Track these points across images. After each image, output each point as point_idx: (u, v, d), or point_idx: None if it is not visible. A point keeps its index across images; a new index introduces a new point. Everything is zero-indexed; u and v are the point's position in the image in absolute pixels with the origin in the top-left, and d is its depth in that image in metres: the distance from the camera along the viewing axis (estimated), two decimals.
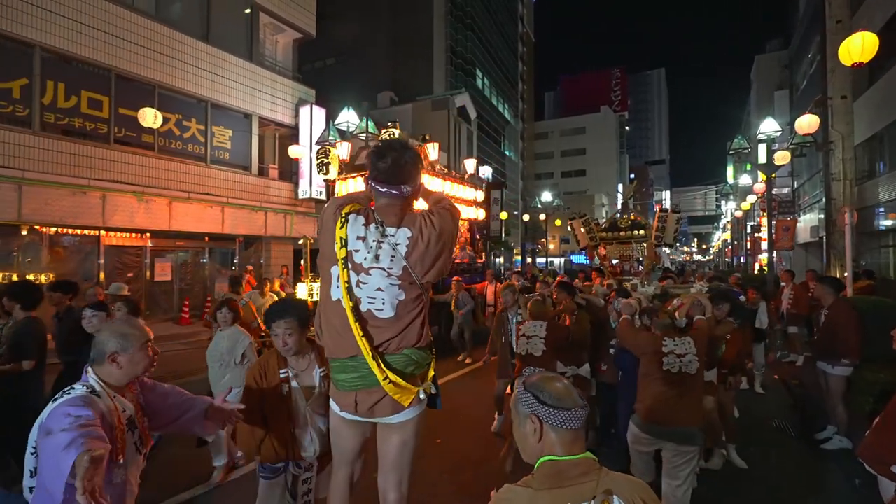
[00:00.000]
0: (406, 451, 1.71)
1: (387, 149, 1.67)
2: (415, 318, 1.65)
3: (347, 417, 1.72)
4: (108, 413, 1.41)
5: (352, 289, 1.60)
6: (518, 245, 38.61)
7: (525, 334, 3.44)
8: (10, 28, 7.69)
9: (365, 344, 1.56)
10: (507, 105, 45.31)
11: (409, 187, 1.68)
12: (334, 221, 1.64)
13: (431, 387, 1.72)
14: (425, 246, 1.61)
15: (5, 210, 7.54)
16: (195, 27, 10.79)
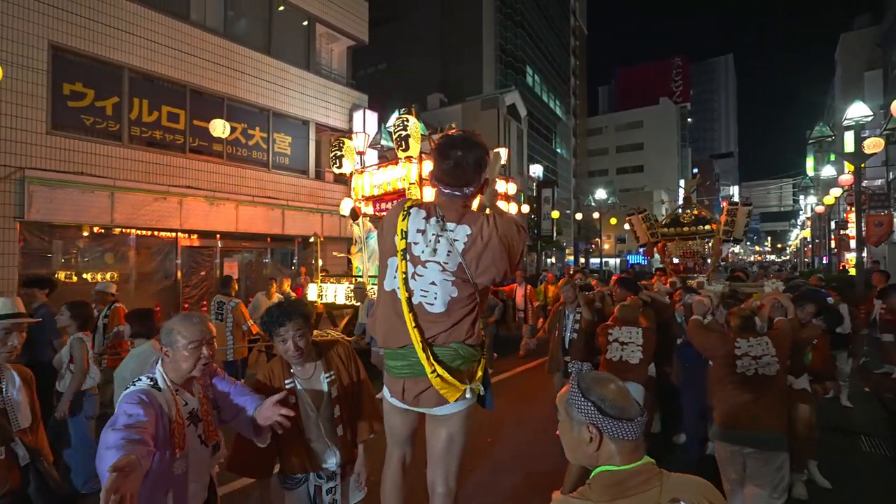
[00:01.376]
0: (453, 446, 1.71)
1: (450, 147, 1.65)
2: (465, 316, 1.64)
3: (396, 404, 1.75)
4: (168, 407, 1.47)
5: (408, 280, 1.62)
6: (570, 244, 37.52)
7: (619, 340, 3.33)
8: (104, 53, 8.63)
9: (416, 335, 1.58)
10: (558, 101, 44.20)
11: (472, 188, 1.67)
12: (397, 214, 1.69)
13: (480, 387, 1.70)
14: (483, 245, 1.59)
15: (100, 215, 8.46)
16: (259, 41, 11.51)
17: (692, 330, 2.73)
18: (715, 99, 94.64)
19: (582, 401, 0.97)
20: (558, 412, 1.04)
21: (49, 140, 7.98)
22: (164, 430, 1.44)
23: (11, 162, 7.53)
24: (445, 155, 1.65)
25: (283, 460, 1.87)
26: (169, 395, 1.50)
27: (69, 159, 8.18)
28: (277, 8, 11.90)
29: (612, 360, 3.32)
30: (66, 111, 8.28)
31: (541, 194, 23.51)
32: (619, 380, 1.02)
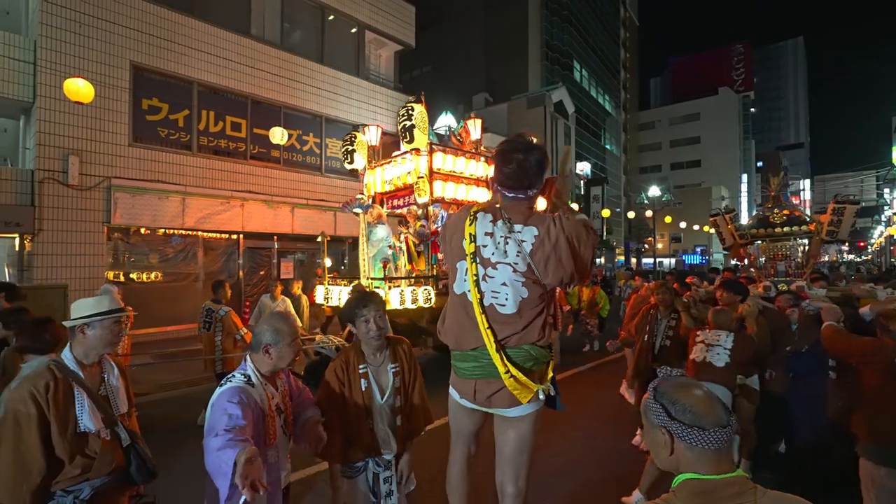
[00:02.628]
0: (523, 447, 1.72)
1: (512, 151, 1.68)
2: (536, 317, 1.65)
3: (465, 405, 1.78)
4: (261, 400, 1.62)
5: (479, 282, 1.64)
6: (621, 244, 36.14)
7: (705, 342, 3.19)
8: (177, 69, 9.36)
9: (490, 336, 1.60)
10: (607, 96, 42.70)
11: (535, 189, 1.69)
12: (463, 220, 1.72)
13: (550, 388, 1.70)
14: (551, 246, 1.59)
15: (173, 219, 9.17)
16: (312, 51, 12.01)
17: (832, 337, 2.55)
18: (782, 86, 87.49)
19: (653, 403, 0.97)
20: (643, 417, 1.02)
21: (130, 151, 8.76)
22: (259, 424, 1.57)
23: (100, 172, 8.34)
24: (507, 159, 1.67)
25: (346, 447, 1.94)
26: (261, 389, 1.64)
27: (147, 168, 8.94)
28: (328, 17, 12.36)
29: (696, 360, 3.19)
30: (145, 124, 9.06)
31: (589, 192, 22.82)
32: (704, 387, 0.98)
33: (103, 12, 8.42)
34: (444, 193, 6.11)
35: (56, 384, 1.66)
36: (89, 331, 1.78)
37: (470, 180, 6.48)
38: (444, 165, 6.13)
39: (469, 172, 6.47)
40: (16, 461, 1.55)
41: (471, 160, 6.47)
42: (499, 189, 1.72)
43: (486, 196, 6.45)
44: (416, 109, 5.88)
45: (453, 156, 6.24)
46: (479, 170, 6.63)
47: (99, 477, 1.71)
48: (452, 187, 6.23)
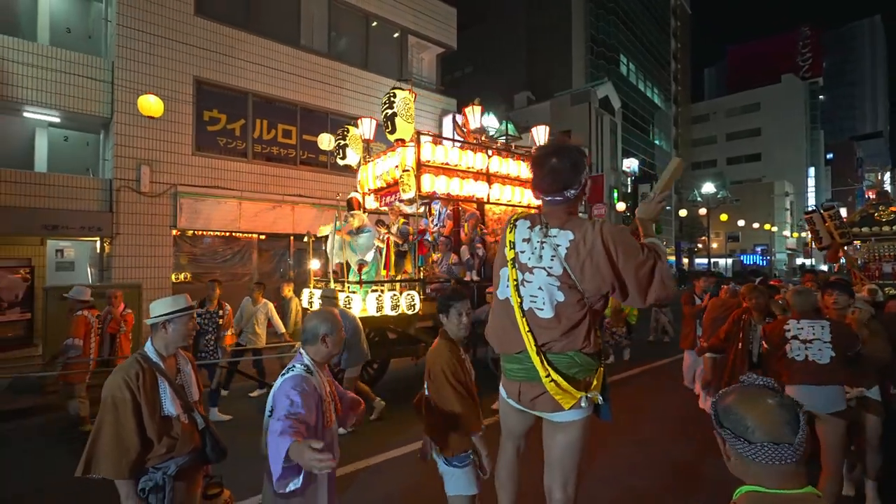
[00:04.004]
0: (570, 452, 1.71)
1: (545, 156, 1.70)
2: (578, 322, 1.63)
3: (513, 405, 1.82)
4: (319, 387, 1.78)
5: (518, 286, 1.68)
6: (671, 244, 34.48)
7: (798, 337, 2.85)
8: (235, 82, 9.97)
9: (530, 340, 1.62)
10: (656, 89, 40.87)
11: (573, 190, 1.67)
12: (506, 228, 1.77)
13: (598, 396, 1.68)
14: (586, 251, 1.58)
15: (231, 223, 9.77)
16: (356, 57, 12.38)
17: None
18: (857, 70, 79.87)
19: (712, 406, 0.96)
20: None
21: (193, 160, 9.43)
22: (319, 409, 1.73)
23: (167, 180, 9.04)
24: (541, 164, 1.70)
25: (457, 436, 1.98)
26: (318, 377, 1.81)
27: (207, 175, 9.58)
28: (372, 24, 12.69)
29: (797, 359, 2.84)
30: (206, 135, 9.72)
31: (637, 190, 21.94)
32: (782, 398, 0.91)
33: (171, 32, 9.12)
34: (434, 188, 5.49)
35: (143, 373, 1.87)
36: (169, 326, 1.98)
37: (467, 173, 5.88)
38: (435, 157, 5.58)
39: (466, 164, 5.87)
40: (116, 439, 1.77)
41: (467, 151, 5.88)
42: (538, 195, 1.75)
43: (485, 190, 6.09)
44: (398, 96, 5.36)
45: (445, 146, 5.70)
46: (479, 161, 6.02)
47: (181, 455, 1.92)
48: (445, 181, 5.59)
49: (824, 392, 2.70)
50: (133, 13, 8.74)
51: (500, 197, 6.40)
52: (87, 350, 4.61)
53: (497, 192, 6.32)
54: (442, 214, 6.80)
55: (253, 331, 5.84)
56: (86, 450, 1.78)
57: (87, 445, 1.79)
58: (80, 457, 1.78)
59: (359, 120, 6.73)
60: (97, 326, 4.76)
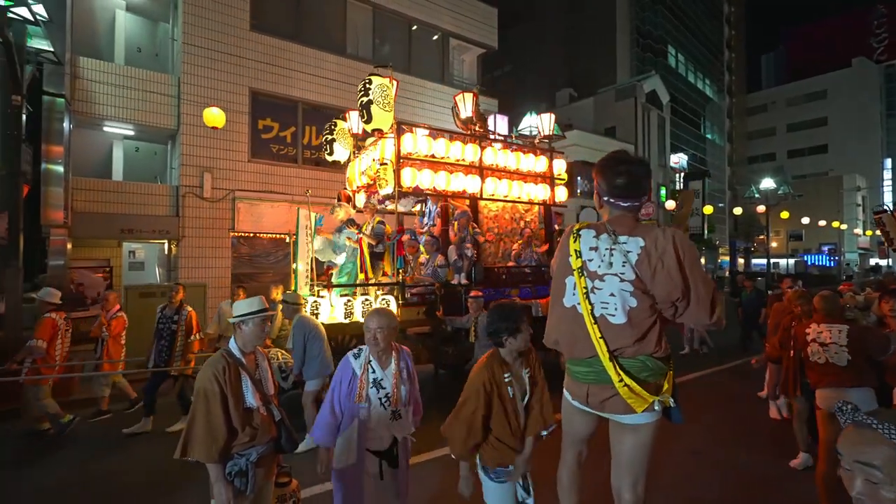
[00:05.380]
0: (641, 454, 1.74)
1: (618, 163, 1.76)
2: (650, 327, 1.66)
3: (578, 407, 1.84)
4: (357, 369, 2.24)
5: (588, 294, 1.70)
6: (725, 243, 32.64)
7: (817, 340, 2.92)
8: (286, 91, 10.49)
9: (602, 346, 1.64)
10: (707, 80, 38.80)
11: (646, 198, 1.76)
12: (567, 238, 1.80)
13: (670, 400, 1.69)
14: (658, 257, 1.62)
15: (282, 225, 10.28)
16: (399, 62, 12.63)
17: None
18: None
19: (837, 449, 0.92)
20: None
21: (249, 167, 10.00)
22: (350, 383, 2.23)
23: (226, 186, 9.65)
24: (615, 171, 1.75)
25: (498, 453, 2.05)
26: (363, 360, 2.25)
27: (262, 181, 10.13)
28: (414, 29, 12.92)
29: (818, 362, 2.91)
30: (260, 142, 10.28)
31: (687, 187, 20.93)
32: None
33: (229, 47, 9.73)
34: (416, 182, 5.12)
35: (229, 367, 2.06)
36: (244, 326, 2.16)
37: (456, 166, 5.53)
38: (418, 148, 5.20)
39: (455, 157, 5.52)
40: (207, 427, 1.97)
41: (455, 142, 5.54)
42: (610, 202, 1.77)
43: (478, 185, 5.68)
44: (374, 82, 4.87)
45: (429, 137, 5.31)
46: (470, 153, 5.65)
47: (261, 444, 2.10)
48: (430, 175, 5.24)
49: (852, 395, 2.70)
50: (196, 31, 9.40)
51: (495, 192, 5.91)
52: (52, 352, 4.46)
53: (491, 186, 5.85)
54: (432, 212, 6.39)
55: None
56: (182, 435, 1.99)
57: (183, 431, 2.00)
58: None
59: (347, 113, 6.32)
60: (65, 329, 4.60)
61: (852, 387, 2.74)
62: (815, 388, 2.93)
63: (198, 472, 3.43)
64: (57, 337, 4.49)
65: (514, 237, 6.45)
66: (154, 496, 3.42)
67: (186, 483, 3.51)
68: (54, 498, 3.44)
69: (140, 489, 3.52)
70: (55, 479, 3.69)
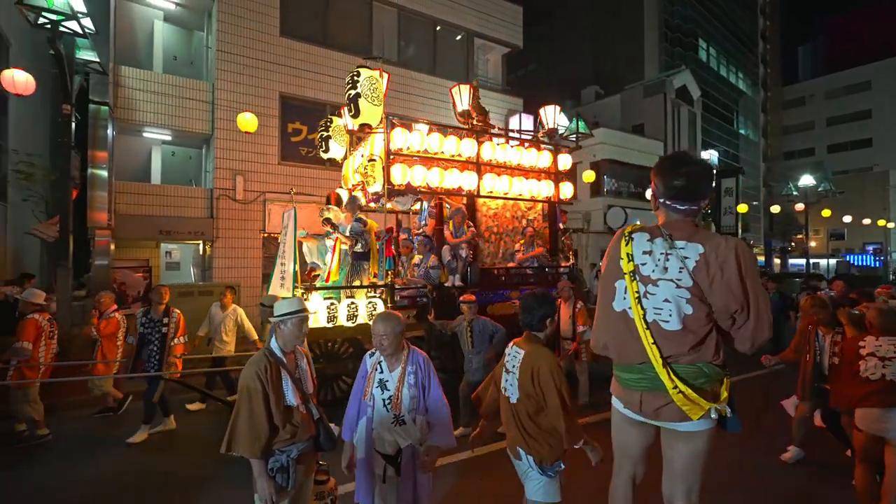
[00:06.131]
0: (696, 462, 1.68)
1: (677, 164, 1.69)
2: (707, 334, 1.60)
3: (631, 416, 1.78)
4: (368, 367, 2.35)
5: (640, 299, 1.66)
6: (760, 242, 31.41)
7: (875, 354, 2.73)
8: (314, 95, 10.70)
9: (655, 352, 1.60)
10: (740, 73, 37.40)
11: (706, 200, 1.69)
12: (619, 241, 1.76)
13: (727, 409, 1.63)
14: (718, 265, 1.56)
15: (311, 226, 10.46)
16: (424, 64, 12.71)
17: None
18: None
19: None
20: None
21: (279, 169, 10.25)
22: (360, 382, 2.34)
23: (257, 188, 9.91)
24: (674, 173, 1.68)
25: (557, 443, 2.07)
26: (375, 361, 2.33)
27: (291, 183, 10.35)
28: (438, 30, 12.95)
29: (871, 378, 2.70)
30: (289, 145, 10.52)
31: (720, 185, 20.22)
32: None
33: (260, 53, 10.00)
34: (408, 179, 4.87)
35: (270, 366, 2.12)
36: (284, 326, 2.20)
37: (451, 162, 5.29)
38: (409, 144, 4.97)
39: (449, 152, 5.28)
40: (250, 424, 2.02)
41: (450, 136, 5.29)
42: (667, 204, 1.71)
43: (474, 181, 5.41)
44: (363, 75, 4.61)
45: (421, 131, 5.05)
46: (466, 148, 5.37)
47: (301, 441, 2.14)
48: (422, 172, 4.98)
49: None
50: (229, 39, 9.71)
51: (493, 189, 5.61)
52: (37, 354, 4.39)
53: (490, 183, 5.58)
54: (426, 211, 6.17)
55: (221, 338, 5.39)
56: (227, 431, 2.05)
57: (228, 427, 2.06)
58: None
59: (342, 108, 6.07)
60: (49, 330, 4.52)
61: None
62: (855, 405, 2.74)
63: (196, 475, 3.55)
64: (41, 338, 4.41)
65: (515, 236, 6.18)
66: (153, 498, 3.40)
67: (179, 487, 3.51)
68: (53, 498, 3.40)
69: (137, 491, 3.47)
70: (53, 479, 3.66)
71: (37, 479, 3.65)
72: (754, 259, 1.63)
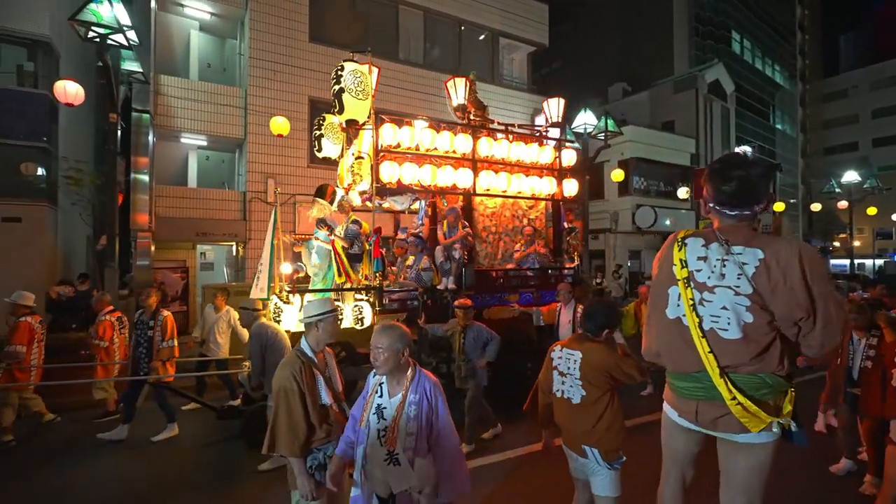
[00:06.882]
0: (757, 476, 1.61)
1: (730, 168, 1.62)
2: (769, 345, 1.53)
3: (684, 424, 1.73)
4: (369, 388, 2.01)
5: (696, 306, 1.60)
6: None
7: None
8: None
9: (712, 361, 1.55)
10: (777, 66, 35.87)
11: (762, 205, 1.60)
12: (671, 246, 1.71)
13: (791, 423, 1.55)
14: (781, 272, 1.48)
15: None
16: (449, 64, 12.74)
17: None
18: None
19: None
20: None
21: (308, 172, 10.48)
22: (361, 400, 2.01)
23: (288, 190, 10.16)
24: (726, 177, 1.61)
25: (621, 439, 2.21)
26: (376, 382, 1.97)
27: (316, 185, 10.58)
28: (464, 30, 12.95)
29: None
30: None
31: None
32: None
33: (290, 59, 10.26)
34: (398, 177, 4.68)
35: (304, 366, 2.16)
36: (320, 325, 2.24)
37: (445, 159, 5.09)
38: (400, 141, 4.80)
39: (442, 148, 5.06)
40: (289, 423, 2.07)
41: (443, 132, 5.06)
42: (717, 209, 1.65)
43: (469, 179, 5.15)
44: (346, 68, 4.46)
45: (412, 127, 4.84)
46: (461, 144, 5.15)
47: (336, 439, 2.15)
48: (413, 169, 4.79)
49: None
50: (261, 46, 9.99)
51: (490, 186, 5.36)
52: (30, 357, 4.39)
53: (487, 180, 5.33)
54: (422, 210, 5.89)
55: (215, 340, 5.38)
56: (268, 432, 2.11)
57: (268, 429, 2.11)
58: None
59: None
60: (41, 332, 4.53)
61: None
62: (891, 415, 2.68)
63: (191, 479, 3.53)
64: (34, 341, 4.42)
65: (516, 236, 5.93)
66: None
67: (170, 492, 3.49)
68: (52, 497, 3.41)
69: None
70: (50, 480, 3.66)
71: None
72: (821, 262, 1.53)
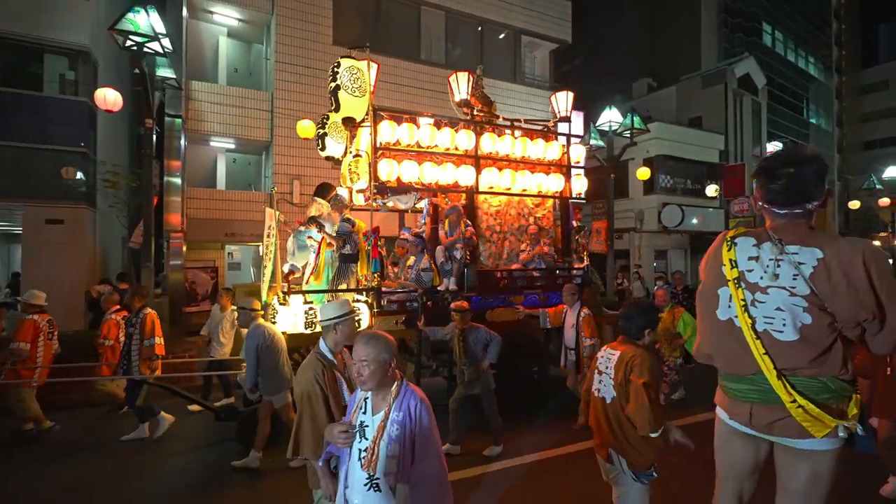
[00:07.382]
0: (820, 486, 1.53)
1: (779, 166, 1.57)
2: (829, 347, 1.47)
3: (739, 429, 1.66)
4: (355, 403, 1.77)
5: (748, 307, 1.55)
6: None
7: None
8: None
9: (768, 362, 1.49)
10: (811, 57, 34.42)
11: (816, 202, 1.53)
12: (720, 246, 1.66)
13: (857, 426, 1.48)
14: (842, 272, 1.42)
15: None
16: (472, 65, 12.68)
17: None
18: None
19: None
20: None
21: (333, 173, 10.57)
22: (347, 416, 1.76)
23: (312, 192, 10.33)
24: (774, 175, 1.56)
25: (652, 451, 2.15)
26: (361, 397, 1.74)
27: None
28: (485, 29, 12.90)
29: None
30: None
31: None
32: None
33: (314, 62, 10.42)
34: (396, 175, 4.55)
35: (325, 369, 2.16)
36: (339, 328, 2.24)
37: (446, 156, 4.95)
38: (399, 138, 4.68)
39: (443, 145, 4.93)
40: (313, 427, 2.07)
41: (444, 129, 4.94)
42: (767, 208, 1.61)
43: (473, 176, 4.97)
44: (343, 65, 4.39)
45: (412, 124, 4.74)
46: (463, 141, 5.00)
47: None
48: (413, 167, 4.66)
49: None
50: (287, 50, 10.19)
51: (494, 184, 5.19)
52: (35, 355, 4.43)
53: (491, 178, 5.17)
54: (425, 210, 5.81)
55: (217, 339, 5.42)
56: (292, 436, 2.12)
57: (293, 432, 2.12)
58: None
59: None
60: (47, 331, 4.57)
61: None
62: None
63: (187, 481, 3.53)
64: (39, 339, 4.47)
65: (521, 235, 5.78)
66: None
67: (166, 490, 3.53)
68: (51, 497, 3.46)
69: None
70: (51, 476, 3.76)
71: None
72: (886, 262, 1.45)
